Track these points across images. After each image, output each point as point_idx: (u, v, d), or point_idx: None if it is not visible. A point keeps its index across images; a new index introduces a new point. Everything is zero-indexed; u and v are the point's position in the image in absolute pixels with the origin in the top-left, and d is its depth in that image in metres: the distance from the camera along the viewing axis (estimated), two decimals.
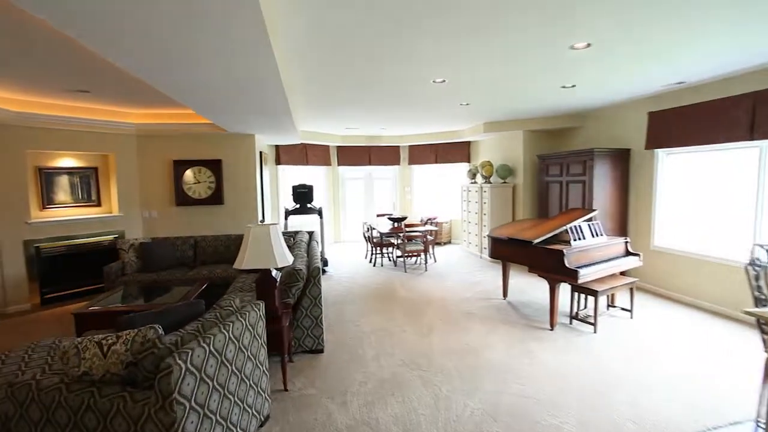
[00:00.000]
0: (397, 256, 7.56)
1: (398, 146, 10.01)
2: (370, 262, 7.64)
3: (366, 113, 6.20)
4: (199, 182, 6.25)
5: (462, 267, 7.13)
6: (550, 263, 4.08)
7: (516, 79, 4.29)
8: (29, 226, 5.18)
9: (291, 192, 7.28)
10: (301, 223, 8.77)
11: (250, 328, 2.44)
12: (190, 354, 1.89)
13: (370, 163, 9.92)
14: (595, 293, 3.94)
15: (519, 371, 3.29)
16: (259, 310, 2.58)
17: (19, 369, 2.50)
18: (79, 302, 5.27)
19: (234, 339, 2.26)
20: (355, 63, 3.60)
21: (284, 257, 3.03)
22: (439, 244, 9.45)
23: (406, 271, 6.83)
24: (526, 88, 4.66)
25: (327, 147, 9.47)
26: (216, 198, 6.29)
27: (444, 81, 4.33)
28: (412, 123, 7.49)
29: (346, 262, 7.75)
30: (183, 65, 2.86)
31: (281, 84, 3.39)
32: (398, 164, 10.16)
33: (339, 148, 9.69)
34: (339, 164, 9.82)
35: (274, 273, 3.10)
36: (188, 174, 6.20)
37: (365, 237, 7.84)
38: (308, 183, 7.15)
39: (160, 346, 1.98)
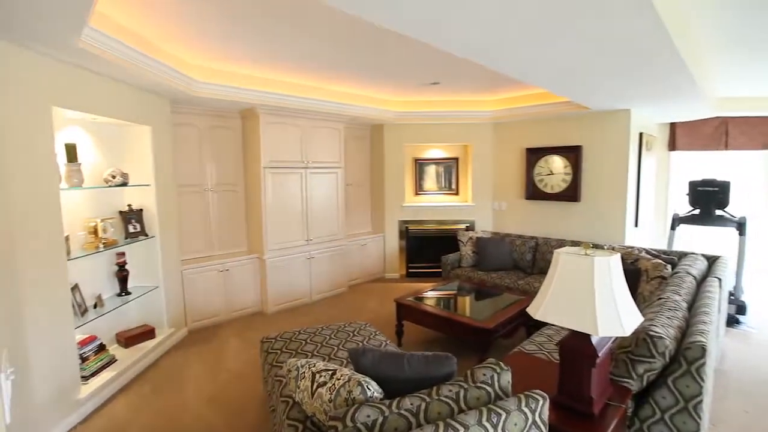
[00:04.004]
0: None
1: None
2: None
3: None
4: (552, 173, 5.26)
5: None
6: None
7: None
8: (403, 208, 6.04)
9: (687, 190, 4.95)
10: (699, 237, 5.94)
11: None
12: None
13: None
14: None
15: None
16: (533, 413, 1.41)
17: (316, 349, 2.58)
18: (432, 281, 5.66)
19: None
20: None
21: (615, 321, 1.62)
22: None
23: None
24: None
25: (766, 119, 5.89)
26: (571, 193, 5.10)
27: None
28: None
29: None
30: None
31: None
32: None
33: None
34: None
35: (596, 339, 1.76)
36: (542, 163, 5.33)
37: None
38: (720, 178, 4.57)
39: (349, 424, 1.29)
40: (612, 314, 1.63)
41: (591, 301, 1.65)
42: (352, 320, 4.30)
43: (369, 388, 1.47)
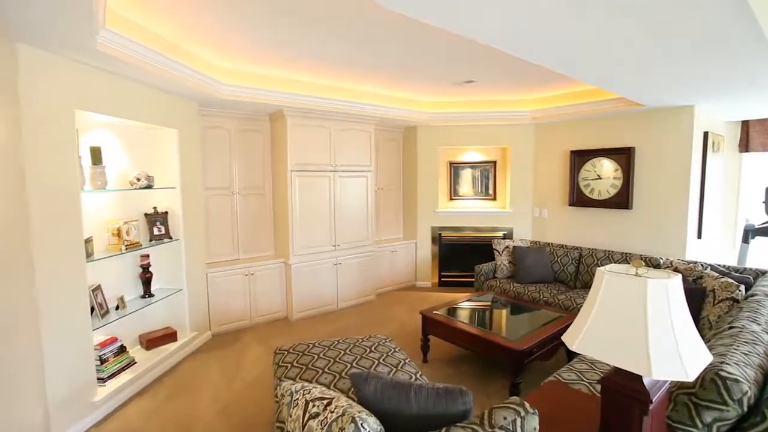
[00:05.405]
0: None
1: None
2: None
3: None
4: (600, 178, 4.79)
5: None
6: None
7: None
8: (436, 214, 5.76)
9: (764, 197, 4.37)
10: None
11: None
12: None
13: None
14: None
15: None
16: None
17: (327, 366, 2.39)
18: (466, 290, 5.35)
19: None
20: None
21: (675, 361, 1.30)
22: None
23: None
24: None
25: None
26: (621, 200, 4.61)
27: None
28: None
29: None
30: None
31: None
32: None
33: None
34: None
35: (648, 380, 1.43)
36: (588, 167, 4.88)
37: None
38: None
39: None
40: (671, 352, 1.31)
41: (643, 334, 1.33)
42: (374, 332, 4.10)
43: (364, 427, 1.25)
